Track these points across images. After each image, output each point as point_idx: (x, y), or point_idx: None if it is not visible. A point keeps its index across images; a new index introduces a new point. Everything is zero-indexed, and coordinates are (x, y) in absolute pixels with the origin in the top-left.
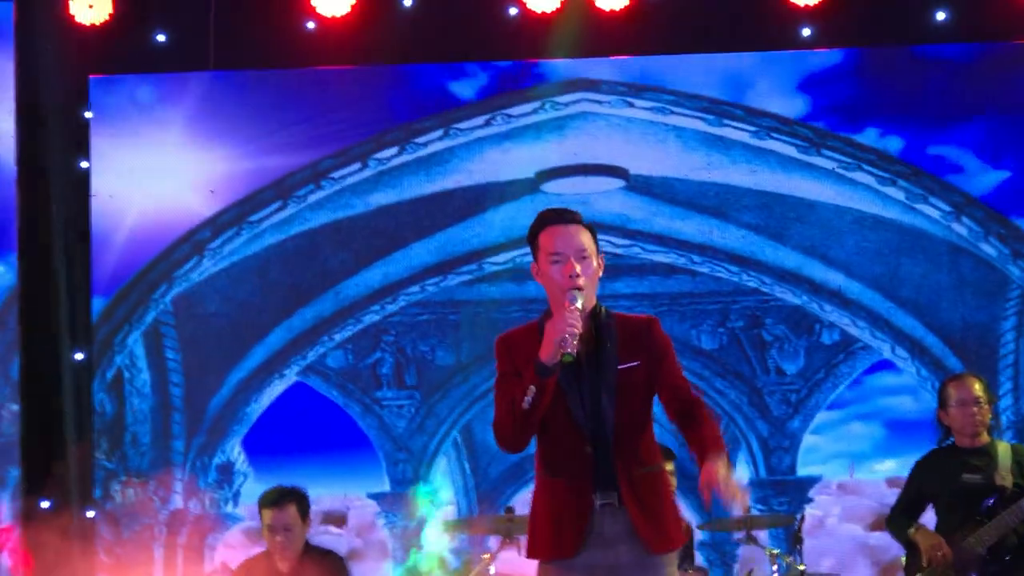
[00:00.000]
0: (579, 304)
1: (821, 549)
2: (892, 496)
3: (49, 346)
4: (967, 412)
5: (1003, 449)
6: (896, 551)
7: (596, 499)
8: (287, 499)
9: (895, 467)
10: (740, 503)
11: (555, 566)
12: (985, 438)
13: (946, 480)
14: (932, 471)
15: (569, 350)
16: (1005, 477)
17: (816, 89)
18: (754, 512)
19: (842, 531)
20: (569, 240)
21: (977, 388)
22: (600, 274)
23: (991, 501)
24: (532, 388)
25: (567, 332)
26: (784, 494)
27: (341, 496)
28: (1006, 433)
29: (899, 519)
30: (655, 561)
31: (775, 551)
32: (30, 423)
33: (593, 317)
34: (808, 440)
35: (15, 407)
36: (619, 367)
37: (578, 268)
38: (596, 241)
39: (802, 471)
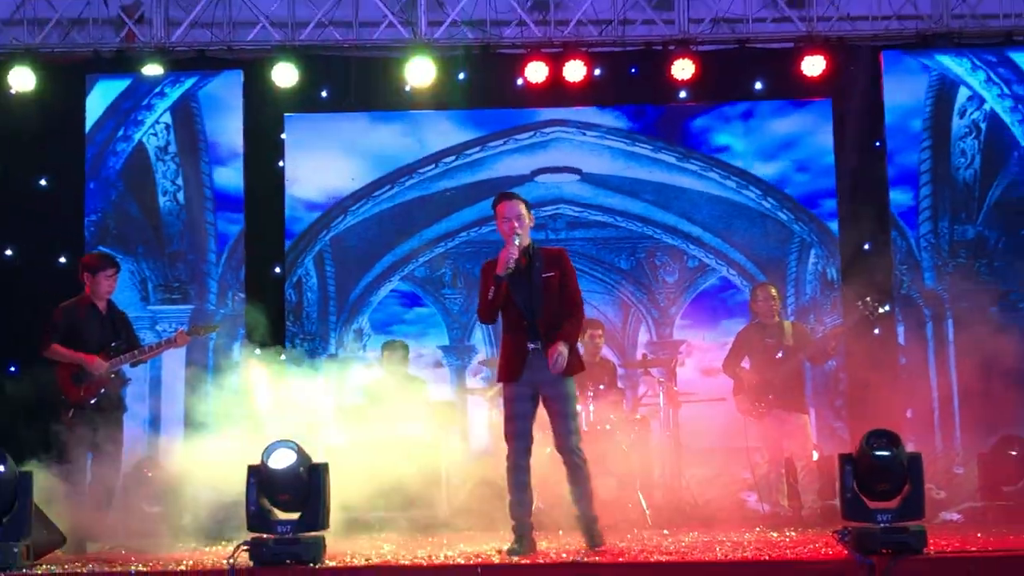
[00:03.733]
0: (516, 243)
1: (683, 379)
2: (724, 351)
3: (262, 263)
4: (767, 304)
5: (787, 324)
6: (726, 381)
7: (530, 346)
8: (397, 346)
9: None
10: (559, 367)
11: (510, 385)
12: (776, 319)
13: (755, 342)
14: (747, 337)
15: (510, 266)
16: (788, 338)
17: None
18: (649, 357)
19: (695, 370)
20: (510, 209)
21: (773, 291)
22: (531, 225)
23: (779, 354)
24: (492, 288)
25: (508, 257)
26: (664, 349)
27: (424, 347)
28: (789, 317)
29: (729, 364)
30: (562, 379)
31: (660, 379)
32: (250, 307)
33: (528, 249)
34: (678, 320)
35: (242, 294)
36: (543, 275)
37: (516, 224)
38: (528, 208)
39: (676, 336)
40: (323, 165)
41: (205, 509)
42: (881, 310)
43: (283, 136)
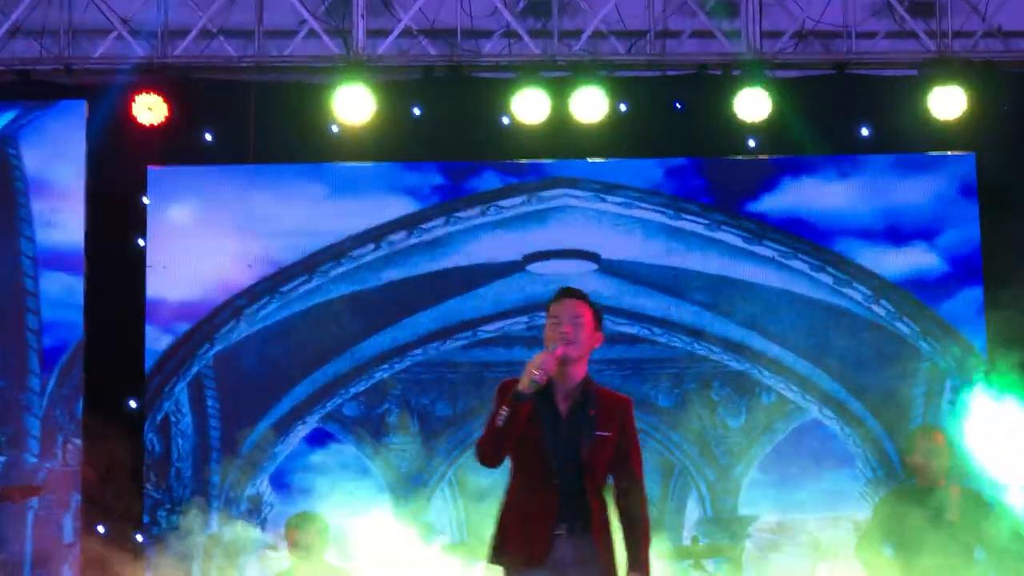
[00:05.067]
0: (556, 350)
1: None
2: (821, 533)
3: (108, 395)
4: (930, 460)
5: (955, 491)
6: None
7: (557, 528)
8: (309, 522)
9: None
10: None
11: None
12: (942, 482)
13: (905, 515)
14: (896, 508)
15: (536, 379)
16: (955, 514)
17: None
18: (702, 543)
19: (777, 561)
20: (567, 308)
21: (941, 440)
22: (595, 346)
23: (943, 535)
24: (506, 409)
25: (539, 366)
26: (727, 530)
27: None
28: None
29: (865, 546)
30: None
31: (718, 575)
32: (90, 459)
33: (583, 386)
34: (747, 486)
35: (78, 442)
36: (597, 432)
37: (567, 328)
38: (599, 320)
39: (743, 511)
40: (205, 244)
41: None
42: None
43: (145, 200)
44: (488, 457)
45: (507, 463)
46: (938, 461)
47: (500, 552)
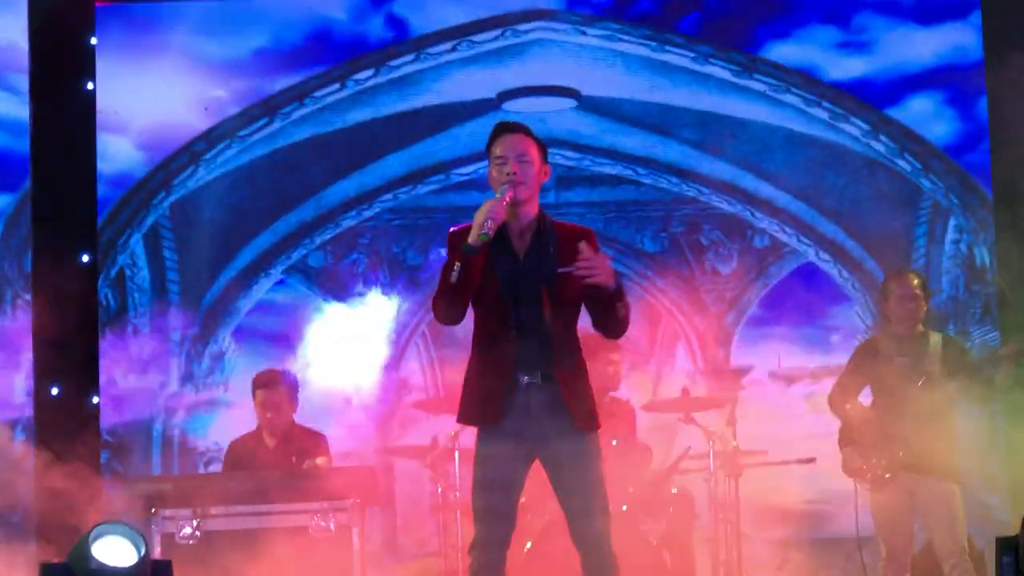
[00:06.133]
0: (507, 196)
1: (755, 431)
2: (816, 385)
3: (58, 247)
4: (905, 306)
5: (935, 338)
6: (823, 428)
7: (522, 376)
8: (278, 380)
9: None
10: (597, 271)
11: (485, 432)
12: (920, 328)
13: (882, 362)
14: (870, 355)
15: (486, 230)
16: (934, 362)
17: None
18: (686, 392)
19: (775, 414)
20: (512, 145)
21: (916, 284)
22: (544, 180)
23: (921, 382)
24: (457, 264)
25: (487, 216)
26: (719, 381)
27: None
28: None
29: (839, 397)
30: (581, 435)
31: (711, 429)
32: (40, 315)
33: (538, 223)
34: (740, 335)
35: (28, 296)
36: (558, 270)
37: (514, 168)
38: (544, 152)
39: (735, 361)
40: (158, 86)
41: None
42: None
43: (93, 40)
44: (445, 314)
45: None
46: (914, 305)
47: (465, 410)
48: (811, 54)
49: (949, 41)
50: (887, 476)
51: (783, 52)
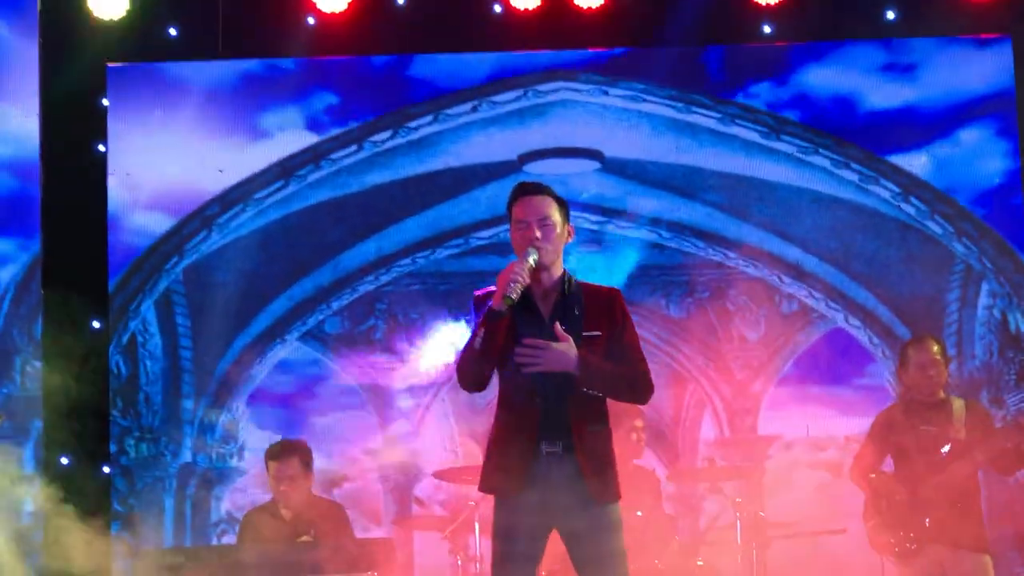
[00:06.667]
0: (531, 259)
1: (783, 501)
2: (846, 454)
3: (69, 314)
4: (925, 373)
5: (958, 404)
6: (851, 499)
7: (543, 447)
8: (291, 451)
9: (849, 426)
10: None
11: (505, 503)
12: (941, 395)
13: (904, 431)
14: (891, 424)
15: (509, 294)
16: (959, 429)
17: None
18: (712, 462)
19: (802, 483)
20: (533, 208)
21: (935, 350)
22: (568, 241)
23: (945, 449)
24: (482, 330)
25: (511, 279)
26: (746, 450)
27: (339, 452)
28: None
29: (860, 467)
30: (601, 507)
31: (738, 499)
32: (50, 383)
33: (562, 284)
34: (767, 404)
35: (38, 364)
36: (583, 334)
37: (538, 232)
38: (566, 213)
39: (763, 430)
40: (171, 148)
41: None
42: None
43: (104, 101)
44: (468, 381)
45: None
46: (935, 371)
47: (486, 478)
48: (851, 80)
49: (1002, 65)
50: (913, 548)
51: (821, 76)
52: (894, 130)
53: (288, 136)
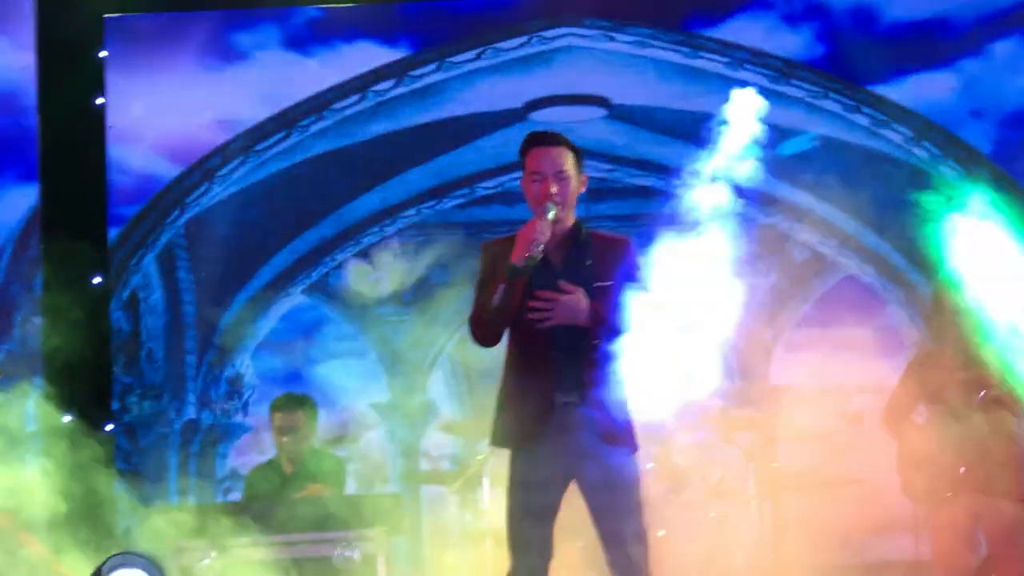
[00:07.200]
0: (550, 216)
1: (796, 449)
2: (860, 402)
3: (69, 269)
4: (959, 318)
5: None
6: (867, 449)
7: (559, 397)
8: (296, 403)
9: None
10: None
11: (520, 456)
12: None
13: (938, 378)
14: (924, 370)
15: (533, 253)
16: (994, 375)
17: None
18: (722, 410)
19: (814, 434)
20: (550, 161)
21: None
22: (581, 191)
23: (983, 394)
24: (501, 287)
25: (533, 238)
26: (755, 400)
27: (344, 406)
28: None
29: (894, 415)
30: (620, 457)
31: (748, 449)
32: (50, 340)
33: (574, 234)
34: (779, 352)
35: (38, 320)
36: (595, 284)
37: (554, 188)
38: (580, 161)
39: (775, 380)
40: (170, 100)
41: None
42: None
43: (102, 53)
44: (484, 338)
45: None
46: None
47: (499, 431)
48: None
49: None
50: (948, 496)
51: None
52: (919, 44)
53: (289, 87)
